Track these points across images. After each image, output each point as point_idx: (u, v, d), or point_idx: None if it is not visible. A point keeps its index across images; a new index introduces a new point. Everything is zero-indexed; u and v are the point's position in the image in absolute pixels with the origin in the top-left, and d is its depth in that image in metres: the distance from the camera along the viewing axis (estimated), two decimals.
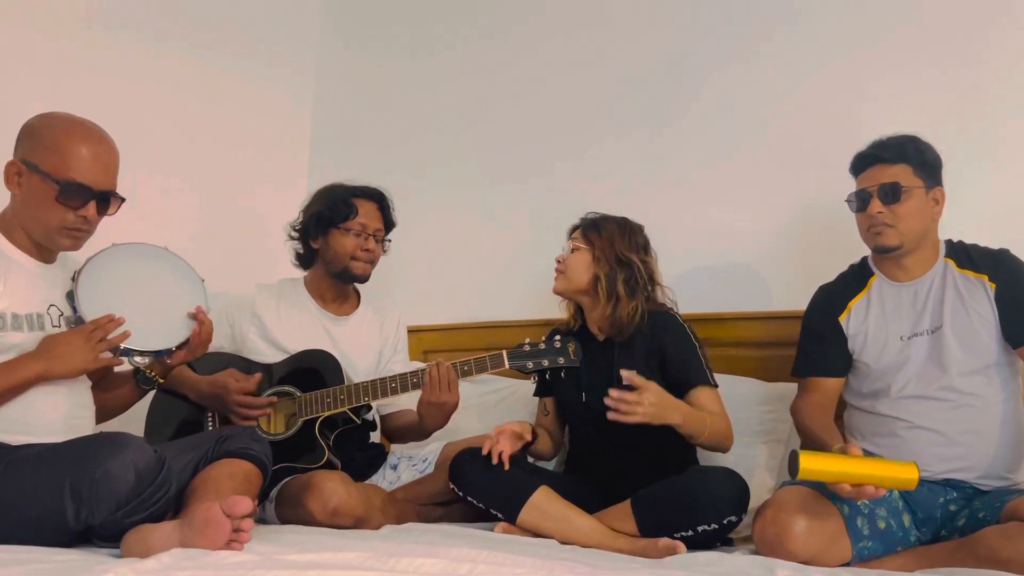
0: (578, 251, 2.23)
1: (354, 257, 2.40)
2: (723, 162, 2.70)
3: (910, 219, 1.95)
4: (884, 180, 1.96)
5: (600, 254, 2.20)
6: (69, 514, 1.53)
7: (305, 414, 2.24)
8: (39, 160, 1.76)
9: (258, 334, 2.41)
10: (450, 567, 1.39)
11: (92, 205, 1.79)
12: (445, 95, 3.28)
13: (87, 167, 1.77)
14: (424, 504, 2.24)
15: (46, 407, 1.76)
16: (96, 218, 1.82)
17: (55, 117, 1.82)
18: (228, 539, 1.50)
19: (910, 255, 2.00)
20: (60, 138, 1.77)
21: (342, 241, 2.40)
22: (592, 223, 2.28)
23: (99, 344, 1.77)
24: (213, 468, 1.78)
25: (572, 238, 2.29)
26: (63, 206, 1.76)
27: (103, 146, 1.82)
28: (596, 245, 2.21)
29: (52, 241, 1.82)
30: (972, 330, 1.92)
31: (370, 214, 2.44)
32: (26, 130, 1.82)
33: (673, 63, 2.81)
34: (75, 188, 1.76)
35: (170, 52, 2.98)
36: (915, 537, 1.87)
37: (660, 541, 1.84)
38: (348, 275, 2.43)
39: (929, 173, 1.98)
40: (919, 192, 1.96)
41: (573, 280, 2.22)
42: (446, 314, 3.08)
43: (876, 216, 1.96)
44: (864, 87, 2.49)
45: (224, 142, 3.16)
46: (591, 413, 2.14)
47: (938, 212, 2.00)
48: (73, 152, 1.76)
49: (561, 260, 2.26)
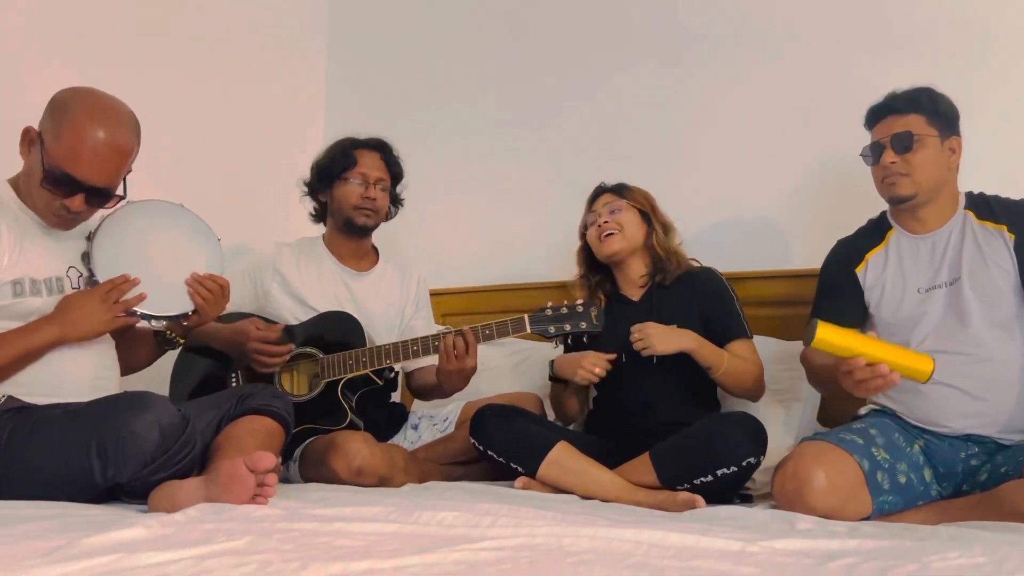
0: (624, 209, 2.26)
1: (357, 207, 2.40)
2: (741, 119, 2.67)
3: (924, 168, 1.93)
4: (897, 130, 1.95)
5: (649, 210, 2.29)
6: (96, 472, 1.55)
7: (327, 376, 2.26)
8: (46, 137, 1.71)
9: (281, 289, 2.42)
10: (472, 520, 1.40)
11: (79, 198, 1.72)
12: (464, 59, 3.26)
13: (81, 161, 1.69)
14: (445, 463, 2.26)
15: (72, 368, 1.78)
16: (84, 209, 1.75)
17: (78, 98, 1.73)
18: (253, 494, 1.52)
19: (926, 206, 1.98)
20: (70, 124, 1.69)
21: (344, 191, 2.42)
22: (620, 187, 2.33)
23: (115, 305, 1.77)
24: (236, 425, 1.80)
25: (604, 202, 2.30)
26: (47, 192, 1.72)
27: (109, 142, 1.71)
28: (640, 202, 2.29)
29: (43, 216, 1.78)
30: (992, 282, 1.90)
31: (371, 163, 2.44)
32: (51, 102, 1.76)
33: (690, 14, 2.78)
34: (61, 178, 1.70)
35: (184, 15, 2.97)
36: (936, 492, 1.87)
37: (680, 495, 1.85)
38: (352, 226, 2.43)
39: (944, 123, 1.95)
40: (933, 141, 1.94)
41: (631, 237, 2.27)
42: (466, 277, 3.08)
43: (890, 166, 1.95)
44: (882, 39, 2.45)
45: (238, 99, 3.15)
46: (629, 372, 2.18)
47: (954, 162, 1.97)
48: (72, 143, 1.68)
49: (610, 222, 2.26)
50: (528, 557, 1.16)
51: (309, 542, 1.22)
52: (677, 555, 1.20)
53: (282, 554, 1.12)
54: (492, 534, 1.29)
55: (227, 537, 1.21)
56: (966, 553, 1.21)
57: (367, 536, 1.27)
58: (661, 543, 1.25)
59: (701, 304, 2.20)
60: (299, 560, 1.08)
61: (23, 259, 1.74)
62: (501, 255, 3.07)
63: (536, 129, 3.06)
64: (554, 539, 1.26)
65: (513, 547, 1.21)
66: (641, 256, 2.29)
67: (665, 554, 1.20)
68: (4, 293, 1.71)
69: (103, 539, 1.17)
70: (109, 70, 1.85)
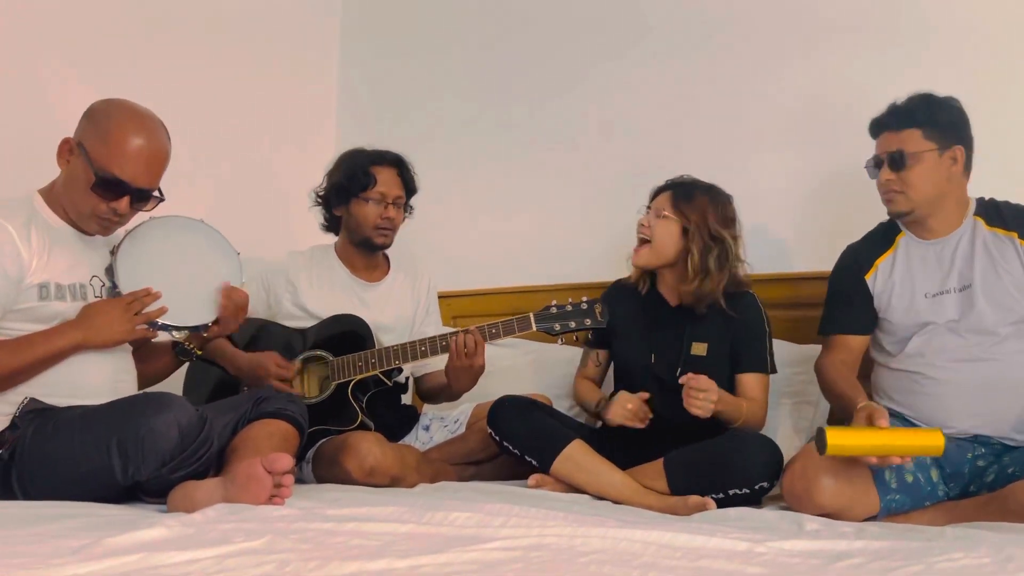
0: (666, 220, 2.12)
1: (376, 226, 2.41)
2: (752, 123, 2.69)
3: (920, 185, 1.94)
4: (892, 148, 1.96)
5: (694, 228, 2.10)
6: (117, 470, 1.59)
7: (338, 378, 2.28)
8: (89, 144, 1.78)
9: (292, 300, 2.44)
10: (484, 520, 1.42)
11: (125, 200, 1.80)
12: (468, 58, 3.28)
13: (129, 163, 1.78)
14: (456, 463, 2.29)
15: (92, 371, 1.82)
16: (128, 211, 1.83)
17: (116, 106, 1.83)
18: (270, 494, 1.55)
19: (932, 216, 1.99)
20: (112, 129, 1.78)
21: (363, 211, 2.41)
22: (683, 189, 2.15)
23: (136, 317, 1.82)
24: (252, 428, 1.83)
25: (657, 204, 2.17)
26: (96, 196, 1.79)
27: (152, 145, 1.81)
28: (689, 218, 2.10)
29: (83, 223, 1.85)
30: (1003, 288, 1.91)
31: (389, 181, 2.43)
32: (88, 113, 1.84)
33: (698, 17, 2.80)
34: (112, 182, 1.78)
35: (194, 22, 3.00)
36: (943, 492, 1.88)
37: (690, 499, 1.86)
38: (370, 245, 2.45)
39: (943, 133, 1.94)
40: (930, 155, 1.94)
41: (660, 252, 2.13)
42: (477, 280, 3.10)
43: (885, 183, 1.97)
44: (891, 47, 2.46)
45: (250, 103, 3.17)
46: (654, 376, 2.16)
47: (956, 171, 1.96)
48: (119, 146, 1.77)
49: (647, 226, 2.15)
50: (539, 557, 1.18)
51: (326, 542, 1.24)
52: (686, 556, 1.22)
53: (300, 554, 1.15)
54: (504, 534, 1.31)
55: (246, 537, 1.24)
56: (971, 554, 1.23)
57: (381, 536, 1.30)
58: (670, 544, 1.28)
59: (735, 332, 2.12)
60: (317, 560, 1.11)
61: (50, 264, 1.80)
62: (512, 257, 3.08)
63: (549, 131, 3.07)
64: (565, 539, 1.29)
65: (525, 547, 1.23)
66: (676, 271, 2.15)
67: (674, 555, 1.23)
68: (30, 295, 1.77)
69: (127, 539, 1.20)
70: (119, 73, 1.89)
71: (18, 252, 1.75)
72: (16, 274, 1.74)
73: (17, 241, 1.75)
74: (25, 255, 1.76)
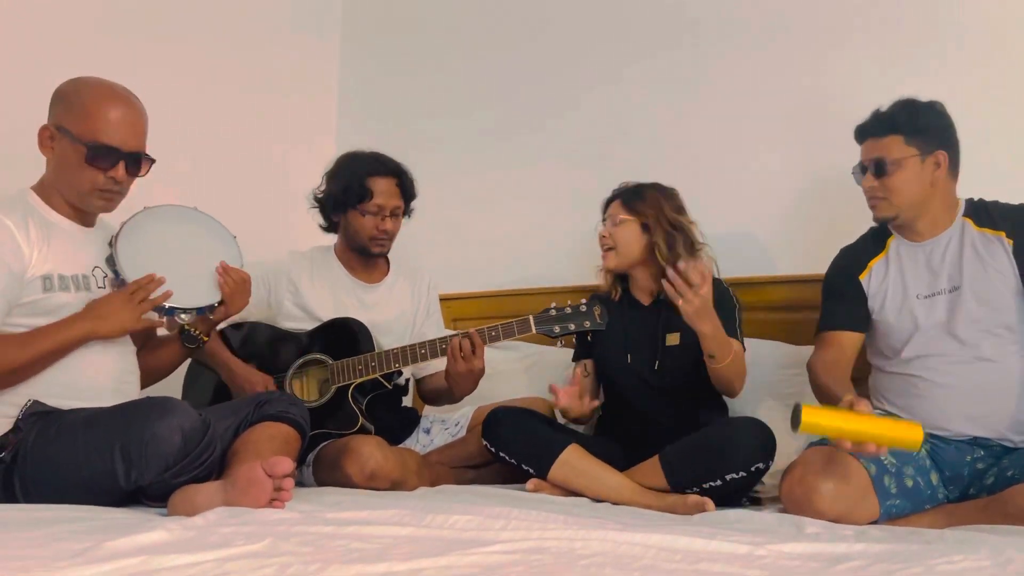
0: (624, 223, 2.23)
1: (371, 238, 2.41)
2: (746, 126, 2.69)
3: (902, 191, 1.96)
4: (874, 155, 1.98)
5: (653, 222, 2.20)
6: (120, 475, 1.59)
7: (337, 381, 2.29)
8: (69, 124, 1.81)
9: (293, 301, 2.44)
10: (484, 523, 1.43)
11: (121, 166, 1.83)
12: (471, 63, 3.29)
13: (115, 129, 1.81)
14: (457, 467, 2.29)
15: (94, 373, 1.82)
16: (126, 179, 1.86)
17: (84, 82, 1.86)
18: (270, 498, 1.55)
19: (919, 220, 2.00)
20: (88, 101, 1.81)
21: (359, 222, 2.40)
22: (630, 192, 2.27)
23: (142, 304, 1.83)
24: (253, 431, 1.83)
25: (611, 212, 2.27)
26: (93, 168, 1.81)
27: (130, 108, 1.85)
28: (645, 213, 2.22)
29: (86, 203, 1.86)
30: (992, 288, 1.92)
31: (387, 192, 2.41)
32: (57, 95, 1.86)
33: (695, 23, 2.80)
34: (103, 150, 1.80)
35: (194, 22, 3.01)
36: (943, 495, 1.89)
37: (689, 498, 1.87)
38: (367, 253, 2.46)
39: (924, 138, 1.95)
40: (912, 161, 1.95)
41: (625, 254, 2.24)
42: (476, 282, 3.10)
43: (869, 190, 2.00)
44: (885, 52, 2.47)
45: (250, 103, 3.18)
46: (634, 374, 2.21)
47: (941, 175, 1.96)
48: (101, 115, 1.80)
49: (608, 236, 2.25)
50: (540, 560, 1.18)
51: (326, 545, 1.25)
52: (686, 558, 1.23)
53: (301, 557, 1.15)
54: (504, 537, 1.32)
55: (247, 540, 1.24)
56: (971, 556, 1.23)
57: (382, 539, 1.30)
58: (670, 546, 1.28)
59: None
60: (318, 563, 1.11)
61: (51, 256, 1.80)
62: (513, 260, 3.09)
63: (549, 134, 3.08)
64: (565, 542, 1.29)
65: (525, 550, 1.24)
66: (647, 267, 2.26)
67: (674, 557, 1.23)
68: (35, 288, 1.77)
69: (128, 542, 1.20)
70: (120, 75, 1.91)
71: (18, 246, 1.76)
72: (19, 269, 1.75)
73: (17, 236, 1.76)
74: (25, 249, 1.76)
